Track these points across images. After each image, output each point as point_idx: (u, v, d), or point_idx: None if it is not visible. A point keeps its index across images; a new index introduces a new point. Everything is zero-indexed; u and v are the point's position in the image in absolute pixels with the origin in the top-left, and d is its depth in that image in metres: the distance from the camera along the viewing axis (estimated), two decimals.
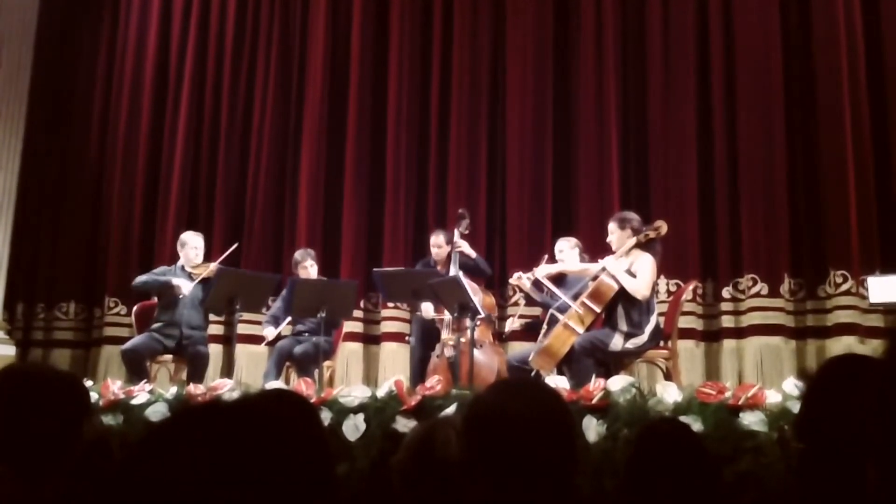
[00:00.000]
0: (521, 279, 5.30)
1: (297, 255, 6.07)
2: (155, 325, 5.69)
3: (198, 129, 7.47)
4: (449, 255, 5.78)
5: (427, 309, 5.62)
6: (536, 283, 5.34)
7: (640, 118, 6.49)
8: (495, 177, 6.79)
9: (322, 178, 7.07)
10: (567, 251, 5.46)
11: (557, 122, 6.68)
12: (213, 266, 5.74)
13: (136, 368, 5.45)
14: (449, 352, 5.42)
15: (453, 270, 5.56)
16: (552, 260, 5.44)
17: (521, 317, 5.59)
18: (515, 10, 6.86)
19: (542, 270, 5.12)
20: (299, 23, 7.41)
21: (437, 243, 5.90)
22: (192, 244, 5.85)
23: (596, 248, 5.47)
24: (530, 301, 5.45)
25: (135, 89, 7.63)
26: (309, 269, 5.91)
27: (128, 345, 5.64)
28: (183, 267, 5.86)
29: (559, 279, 5.36)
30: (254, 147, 7.30)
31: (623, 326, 4.69)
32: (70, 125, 7.80)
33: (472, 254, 5.82)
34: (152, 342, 5.63)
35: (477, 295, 5.23)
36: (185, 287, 5.62)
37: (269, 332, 5.82)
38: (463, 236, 5.80)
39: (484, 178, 6.76)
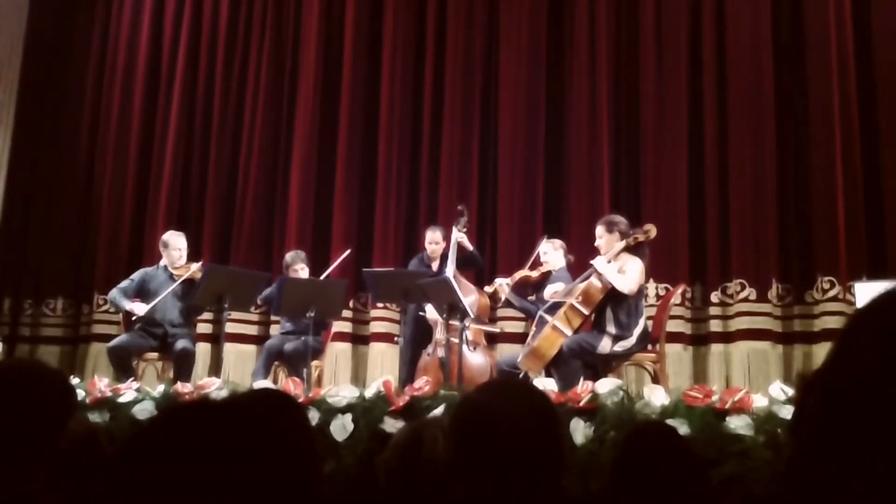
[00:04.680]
0: (501, 286, 5.32)
1: (288, 257, 6.00)
2: (138, 324, 5.69)
3: (189, 127, 7.44)
4: (445, 252, 5.76)
5: (432, 311, 5.53)
6: (517, 288, 5.36)
7: (632, 121, 6.50)
8: (487, 177, 6.79)
9: (313, 177, 7.05)
10: (551, 253, 5.48)
11: (550, 123, 6.69)
12: (196, 267, 5.74)
13: (123, 366, 5.43)
14: (441, 351, 5.41)
15: (450, 266, 5.54)
16: (537, 263, 5.46)
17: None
18: (509, 11, 6.87)
19: (549, 291, 5.11)
20: (292, 20, 7.39)
21: (435, 239, 5.87)
22: (174, 245, 5.83)
23: (586, 250, 5.49)
24: (511, 307, 5.47)
25: (126, 85, 7.60)
26: (300, 272, 5.87)
27: (114, 342, 5.62)
28: (166, 267, 5.85)
29: (545, 278, 5.39)
30: (244, 145, 7.28)
31: (611, 329, 4.70)
32: (60, 120, 7.76)
33: (470, 247, 5.81)
34: (138, 339, 5.62)
35: (471, 296, 5.22)
36: (140, 310, 5.59)
37: None
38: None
39: (476, 177, 6.76)
